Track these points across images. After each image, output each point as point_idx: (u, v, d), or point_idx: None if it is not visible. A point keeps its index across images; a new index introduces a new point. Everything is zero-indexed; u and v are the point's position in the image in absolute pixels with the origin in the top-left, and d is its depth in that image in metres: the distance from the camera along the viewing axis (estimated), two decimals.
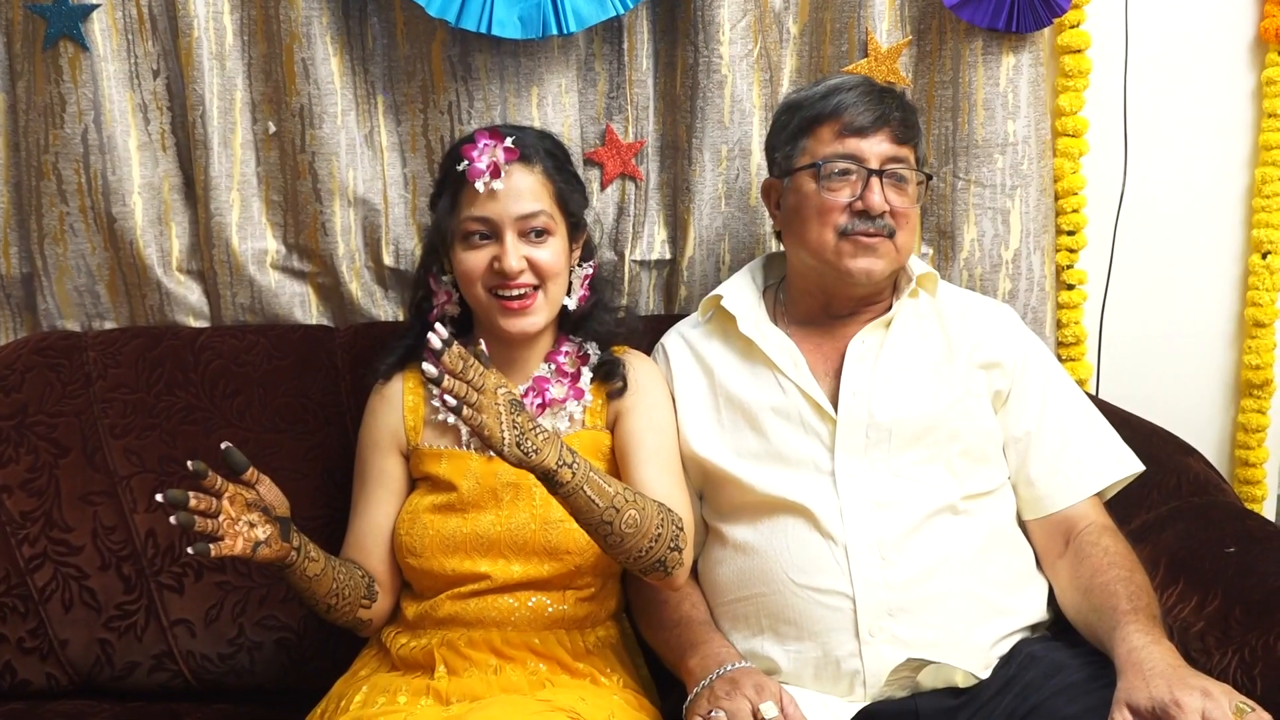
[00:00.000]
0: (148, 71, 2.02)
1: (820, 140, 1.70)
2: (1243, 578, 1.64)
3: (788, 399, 1.68)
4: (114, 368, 1.97)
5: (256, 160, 2.06)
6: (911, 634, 1.56)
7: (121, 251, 2.05)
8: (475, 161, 1.64)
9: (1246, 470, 2.21)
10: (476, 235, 1.66)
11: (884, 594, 1.57)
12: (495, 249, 1.65)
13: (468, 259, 1.66)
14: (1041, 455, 1.70)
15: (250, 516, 1.47)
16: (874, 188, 1.66)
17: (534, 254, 1.66)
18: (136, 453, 1.93)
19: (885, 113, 1.68)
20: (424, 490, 1.72)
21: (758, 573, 1.63)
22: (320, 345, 2.01)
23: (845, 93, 1.70)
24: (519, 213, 1.65)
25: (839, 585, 1.58)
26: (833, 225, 1.67)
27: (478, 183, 1.63)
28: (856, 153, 1.67)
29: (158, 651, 1.87)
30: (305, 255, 2.09)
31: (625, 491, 1.51)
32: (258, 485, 1.51)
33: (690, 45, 1.99)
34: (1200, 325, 2.21)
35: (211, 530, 1.42)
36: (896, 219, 1.67)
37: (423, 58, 2.01)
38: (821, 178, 1.68)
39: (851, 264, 1.67)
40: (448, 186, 1.69)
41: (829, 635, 1.57)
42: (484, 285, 1.67)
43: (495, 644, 1.64)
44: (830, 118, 1.69)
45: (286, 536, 1.51)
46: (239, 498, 1.47)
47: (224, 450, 1.47)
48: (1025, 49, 2.01)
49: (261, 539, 1.47)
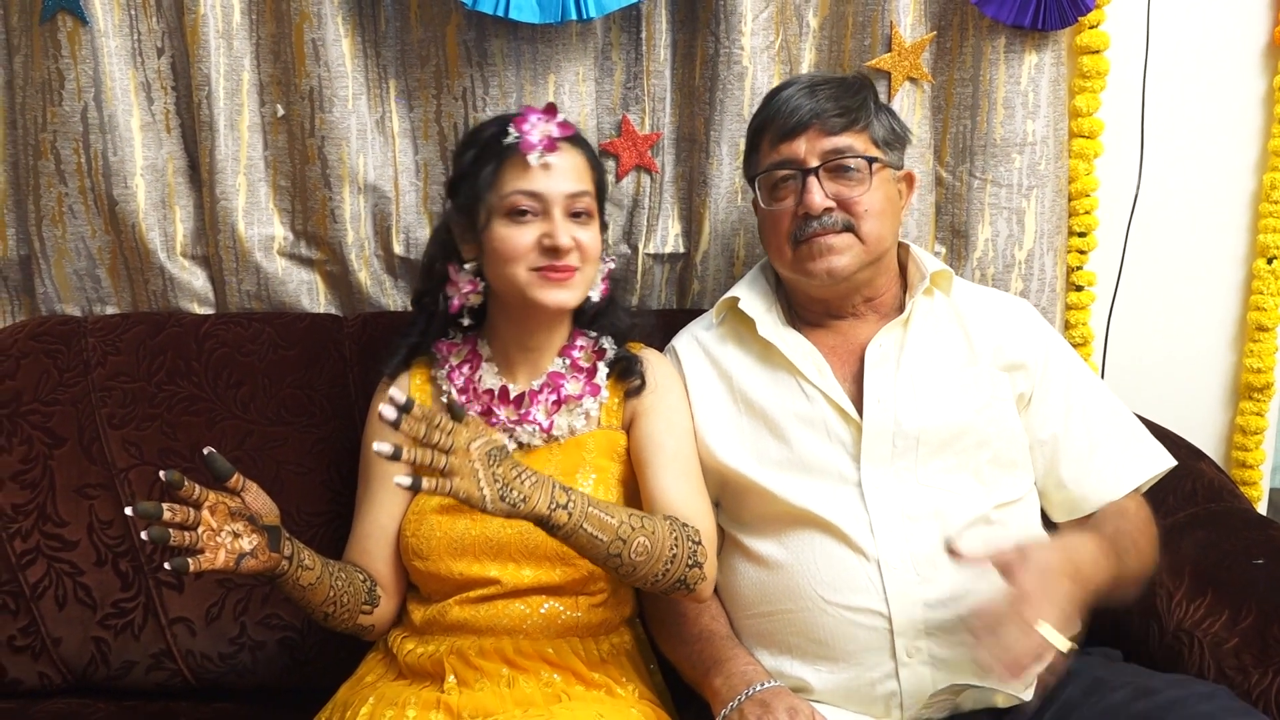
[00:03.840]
0: (151, 49, 1.77)
1: (762, 152, 1.51)
2: (1276, 591, 1.45)
3: (813, 406, 1.46)
4: (114, 355, 1.73)
5: (264, 144, 1.82)
6: (950, 653, 1.35)
7: (123, 235, 1.81)
8: (528, 134, 1.42)
9: (1243, 472, 2.04)
10: (525, 211, 1.43)
11: (921, 613, 1.36)
12: (543, 226, 1.43)
13: (512, 235, 1.43)
14: (1073, 457, 1.49)
15: (234, 526, 1.25)
16: (811, 187, 1.44)
17: (579, 234, 1.44)
18: (136, 444, 1.69)
19: (814, 108, 1.46)
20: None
21: (784, 589, 1.41)
22: (328, 335, 1.77)
23: (779, 97, 1.50)
24: (569, 190, 1.44)
25: (873, 604, 1.36)
26: (785, 235, 1.48)
27: (531, 155, 1.42)
28: (791, 156, 1.47)
29: (156, 650, 1.64)
30: (313, 242, 1.85)
31: (631, 519, 1.30)
32: (243, 493, 1.27)
33: (711, 36, 1.76)
34: (1204, 328, 2.02)
35: (190, 543, 1.20)
36: (852, 210, 1.45)
37: (437, 41, 1.77)
38: (766, 190, 1.49)
39: (811, 266, 1.46)
40: (488, 161, 1.45)
41: (863, 655, 1.36)
42: (527, 264, 1.43)
43: (507, 653, 1.42)
44: (767, 127, 1.50)
45: (276, 546, 1.28)
46: (221, 507, 1.25)
47: (206, 456, 1.24)
48: (1048, 48, 1.80)
49: (247, 550, 1.25)
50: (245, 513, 1.26)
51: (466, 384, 1.50)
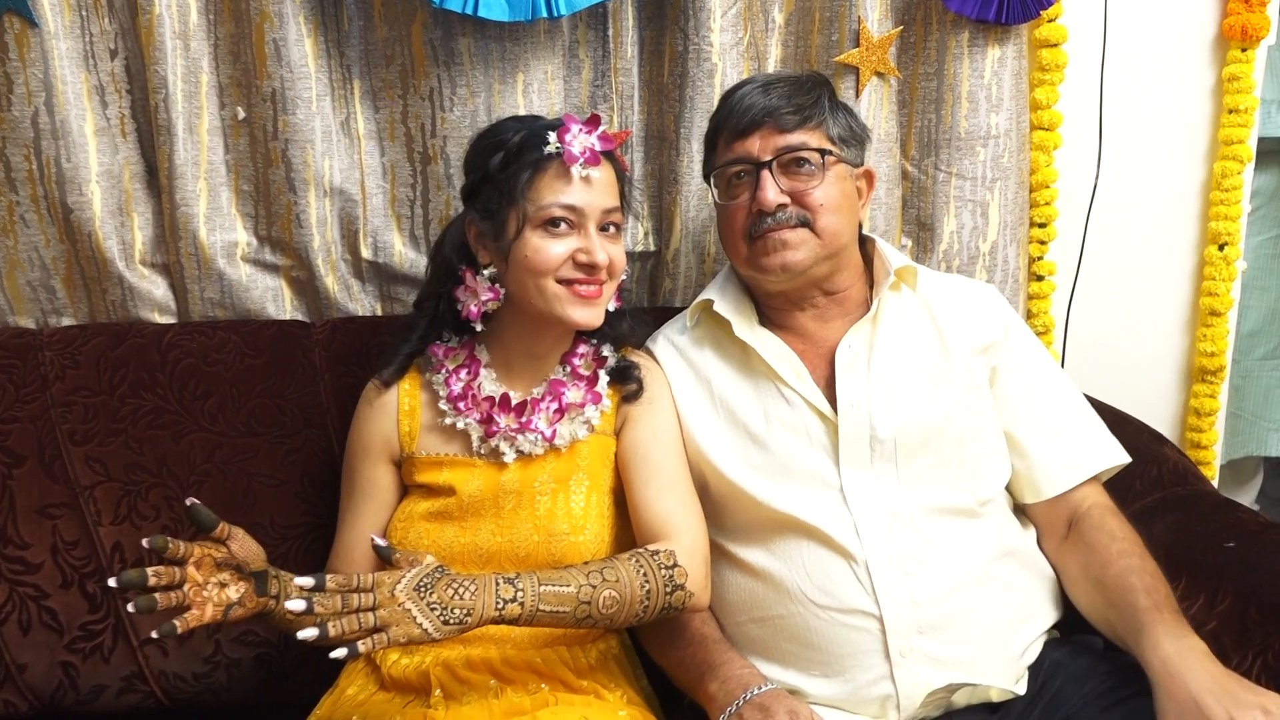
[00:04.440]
0: (104, 51, 1.68)
1: (718, 151, 1.48)
2: (1251, 574, 1.45)
3: (794, 411, 1.43)
4: (73, 368, 1.64)
5: (225, 147, 1.74)
6: (944, 651, 1.33)
7: (79, 244, 1.72)
8: (570, 145, 1.37)
9: (1197, 452, 2.07)
10: (562, 223, 1.38)
11: (913, 611, 1.33)
12: (578, 240, 1.38)
13: (546, 247, 1.37)
14: (1038, 436, 1.48)
15: (220, 576, 1.20)
16: (764, 183, 1.42)
17: (611, 249, 1.40)
18: (100, 460, 1.60)
19: (767, 105, 1.44)
20: (419, 496, 1.46)
21: (773, 595, 1.39)
22: (296, 342, 1.70)
23: (734, 96, 1.47)
24: (605, 205, 1.40)
25: (863, 604, 1.34)
26: (740, 231, 1.44)
27: (575, 168, 1.36)
28: (745, 153, 1.44)
29: (127, 673, 1.57)
30: (278, 248, 1.77)
31: (590, 576, 1.27)
32: (229, 541, 1.22)
33: (680, 32, 1.72)
34: (1159, 313, 2.04)
35: (177, 602, 1.15)
36: (806, 204, 1.42)
37: (402, 41, 1.70)
38: (721, 186, 1.47)
39: (766, 262, 1.43)
40: (522, 168, 1.39)
41: (857, 658, 1.33)
42: (558, 276, 1.38)
43: (495, 664, 1.38)
44: (722, 126, 1.48)
45: (264, 591, 1.23)
46: (207, 559, 1.19)
47: (189, 508, 1.18)
48: (1010, 41, 1.80)
49: (234, 599, 1.20)
50: (231, 562, 1.21)
51: (465, 390, 1.45)
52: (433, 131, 1.72)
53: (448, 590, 1.19)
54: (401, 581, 1.17)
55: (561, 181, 1.37)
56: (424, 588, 1.17)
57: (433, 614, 1.17)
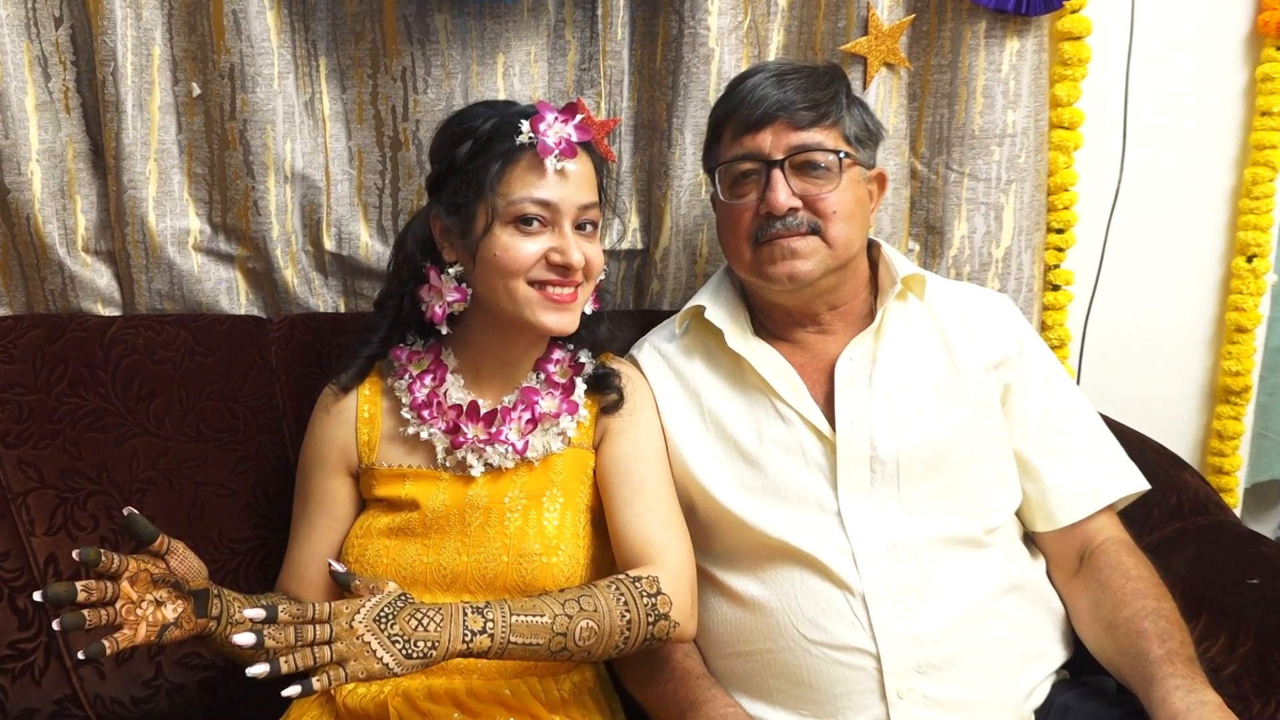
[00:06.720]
0: (48, 19, 1.65)
1: (723, 143, 1.45)
2: (1275, 614, 1.44)
3: (789, 430, 1.40)
4: (6, 363, 1.61)
5: (178, 127, 1.72)
6: (945, 693, 1.30)
7: (16, 228, 1.70)
8: (544, 136, 1.33)
9: (1219, 478, 2.05)
10: (534, 220, 1.34)
11: (911, 649, 1.31)
12: (551, 239, 1.35)
13: (516, 246, 1.34)
14: (1052, 460, 1.45)
15: (157, 594, 1.17)
16: (775, 184, 1.38)
17: (587, 249, 1.37)
18: (34, 465, 1.58)
19: (781, 99, 1.40)
20: (378, 510, 1.43)
21: (762, 628, 1.36)
22: (251, 339, 1.68)
23: (745, 85, 1.44)
24: (582, 201, 1.37)
25: (859, 641, 1.31)
26: (745, 235, 1.41)
27: (549, 160, 1.32)
28: (755, 149, 1.40)
29: (60, 696, 1.54)
30: (233, 236, 1.75)
31: (565, 605, 1.24)
32: (168, 556, 1.20)
33: (674, 14, 1.69)
34: (1181, 329, 2.02)
35: (108, 620, 1.12)
36: (818, 210, 1.39)
37: (373, 16, 1.68)
38: (726, 183, 1.43)
39: (772, 270, 1.40)
40: (492, 159, 1.35)
41: (851, 698, 1.31)
42: (529, 278, 1.35)
43: (459, 695, 1.35)
44: (730, 117, 1.44)
45: (203, 612, 1.21)
46: (143, 574, 1.17)
47: (126, 518, 1.16)
48: (1030, 33, 1.77)
49: (170, 620, 1.18)
50: (170, 579, 1.18)
51: (430, 397, 1.42)
52: (404, 115, 1.70)
53: (411, 621, 1.16)
54: (361, 612, 1.14)
55: (534, 175, 1.34)
56: (385, 618, 1.15)
57: (394, 647, 1.14)
